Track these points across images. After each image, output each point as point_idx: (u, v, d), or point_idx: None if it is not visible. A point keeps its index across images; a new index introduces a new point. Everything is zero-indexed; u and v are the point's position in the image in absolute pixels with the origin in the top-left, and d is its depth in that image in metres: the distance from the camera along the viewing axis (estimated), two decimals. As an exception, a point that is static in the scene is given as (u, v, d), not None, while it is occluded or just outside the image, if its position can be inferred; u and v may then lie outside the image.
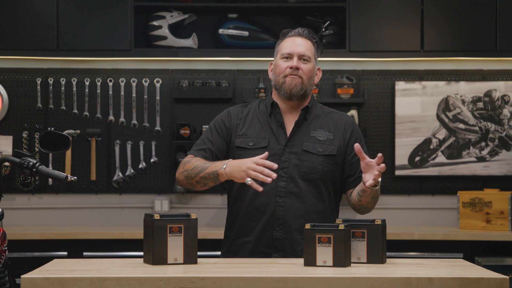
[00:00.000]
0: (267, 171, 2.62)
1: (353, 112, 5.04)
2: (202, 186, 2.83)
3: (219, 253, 2.98)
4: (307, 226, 2.50)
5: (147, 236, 2.53)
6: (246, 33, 5.01)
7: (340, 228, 2.46)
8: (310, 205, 2.84)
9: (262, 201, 2.83)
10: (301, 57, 2.89)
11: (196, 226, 2.55)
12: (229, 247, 2.92)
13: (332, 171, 2.87)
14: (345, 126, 2.93)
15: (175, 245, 2.51)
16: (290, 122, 2.92)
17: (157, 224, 2.49)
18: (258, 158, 2.65)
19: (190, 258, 2.52)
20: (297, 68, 2.86)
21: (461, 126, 5.12)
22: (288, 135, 2.89)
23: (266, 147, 2.84)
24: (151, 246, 2.49)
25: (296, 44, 2.90)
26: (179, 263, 2.51)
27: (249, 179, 2.63)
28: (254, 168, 2.63)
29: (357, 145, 2.67)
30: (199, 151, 2.90)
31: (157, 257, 2.49)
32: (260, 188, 2.64)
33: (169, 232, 2.50)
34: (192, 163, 2.83)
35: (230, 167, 2.70)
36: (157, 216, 2.51)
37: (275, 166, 2.63)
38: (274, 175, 2.62)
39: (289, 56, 2.89)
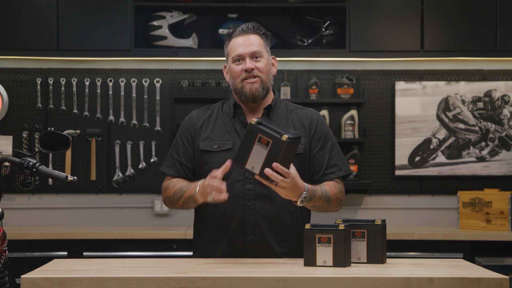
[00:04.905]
0: (217, 188, 2.55)
1: (353, 112, 5.03)
2: (187, 208, 2.79)
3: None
4: (307, 226, 2.49)
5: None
6: (246, 33, 5.00)
7: (340, 228, 2.46)
8: (280, 206, 2.74)
9: (230, 206, 2.72)
10: (252, 56, 2.75)
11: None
12: (199, 256, 2.82)
13: (300, 170, 2.71)
14: (310, 122, 2.83)
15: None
16: None
17: None
18: (215, 172, 2.56)
19: None
20: (252, 69, 2.74)
21: (461, 126, 5.12)
22: None
23: (230, 149, 2.75)
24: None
25: (244, 43, 2.76)
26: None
27: (209, 197, 2.58)
28: (211, 186, 2.55)
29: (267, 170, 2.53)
30: (170, 168, 2.84)
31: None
32: (223, 197, 2.57)
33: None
34: (171, 189, 2.78)
35: (200, 188, 2.63)
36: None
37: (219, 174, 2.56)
38: (224, 190, 2.55)
39: (240, 58, 2.76)
